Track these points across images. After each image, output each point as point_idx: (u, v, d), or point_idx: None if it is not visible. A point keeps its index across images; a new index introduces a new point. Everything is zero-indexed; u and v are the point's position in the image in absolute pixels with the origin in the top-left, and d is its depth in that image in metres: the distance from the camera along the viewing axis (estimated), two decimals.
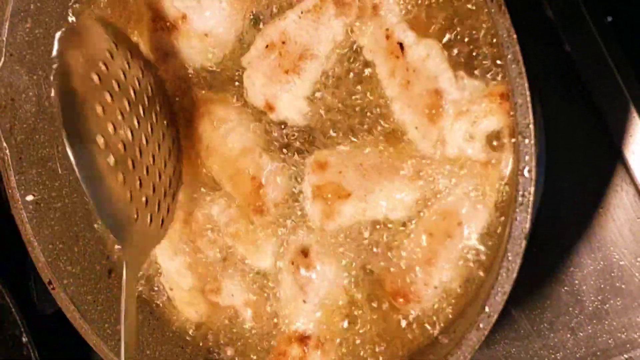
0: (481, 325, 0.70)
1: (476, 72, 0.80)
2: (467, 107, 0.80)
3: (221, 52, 0.94)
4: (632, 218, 0.91)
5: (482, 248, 0.83)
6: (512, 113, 0.75)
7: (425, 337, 0.88)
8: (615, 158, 0.91)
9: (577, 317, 0.94)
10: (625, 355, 0.92)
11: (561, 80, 0.93)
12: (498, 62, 0.79)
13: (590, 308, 0.94)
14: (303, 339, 0.93)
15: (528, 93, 0.67)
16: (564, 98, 0.93)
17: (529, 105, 0.67)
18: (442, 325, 0.86)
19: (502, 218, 0.81)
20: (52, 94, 1.04)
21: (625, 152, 0.90)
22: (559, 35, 0.92)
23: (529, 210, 0.67)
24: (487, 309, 0.69)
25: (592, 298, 0.94)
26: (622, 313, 0.92)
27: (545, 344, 0.97)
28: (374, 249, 0.89)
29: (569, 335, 0.95)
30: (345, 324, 0.92)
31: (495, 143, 0.80)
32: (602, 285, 0.93)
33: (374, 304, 0.91)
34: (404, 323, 0.89)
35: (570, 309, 0.95)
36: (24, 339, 1.27)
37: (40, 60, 1.04)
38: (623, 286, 0.92)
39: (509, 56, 0.67)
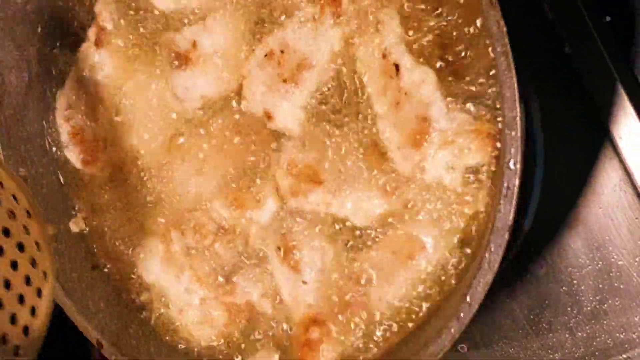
0: (462, 315, 0.70)
1: (468, 105, 0.80)
2: (452, 137, 0.80)
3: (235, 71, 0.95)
4: (631, 218, 0.90)
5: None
6: (494, 153, 0.77)
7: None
8: (614, 158, 0.91)
9: (576, 317, 0.94)
10: (624, 355, 0.91)
11: (559, 79, 0.92)
12: (495, 104, 0.78)
13: (588, 308, 0.93)
14: (317, 319, 0.92)
15: (516, 86, 0.67)
16: (563, 97, 0.92)
17: (517, 97, 0.67)
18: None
19: (467, 250, 0.82)
20: None
21: (624, 151, 0.90)
22: (558, 34, 0.92)
23: (513, 202, 0.67)
24: (468, 299, 0.69)
25: (591, 298, 0.93)
26: (621, 313, 0.91)
27: (543, 344, 0.96)
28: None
29: (567, 335, 0.94)
30: None
31: (474, 178, 0.81)
32: (600, 285, 0.92)
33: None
34: None
35: (569, 308, 0.94)
36: None
37: (31, 36, 1.04)
38: (621, 286, 0.91)
39: (498, 49, 0.67)
